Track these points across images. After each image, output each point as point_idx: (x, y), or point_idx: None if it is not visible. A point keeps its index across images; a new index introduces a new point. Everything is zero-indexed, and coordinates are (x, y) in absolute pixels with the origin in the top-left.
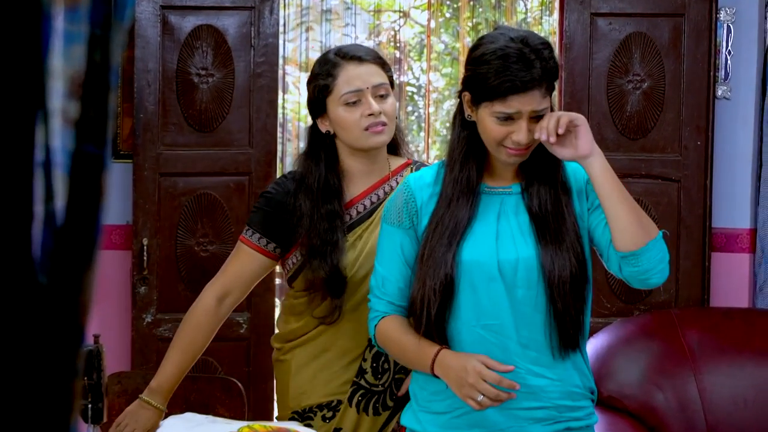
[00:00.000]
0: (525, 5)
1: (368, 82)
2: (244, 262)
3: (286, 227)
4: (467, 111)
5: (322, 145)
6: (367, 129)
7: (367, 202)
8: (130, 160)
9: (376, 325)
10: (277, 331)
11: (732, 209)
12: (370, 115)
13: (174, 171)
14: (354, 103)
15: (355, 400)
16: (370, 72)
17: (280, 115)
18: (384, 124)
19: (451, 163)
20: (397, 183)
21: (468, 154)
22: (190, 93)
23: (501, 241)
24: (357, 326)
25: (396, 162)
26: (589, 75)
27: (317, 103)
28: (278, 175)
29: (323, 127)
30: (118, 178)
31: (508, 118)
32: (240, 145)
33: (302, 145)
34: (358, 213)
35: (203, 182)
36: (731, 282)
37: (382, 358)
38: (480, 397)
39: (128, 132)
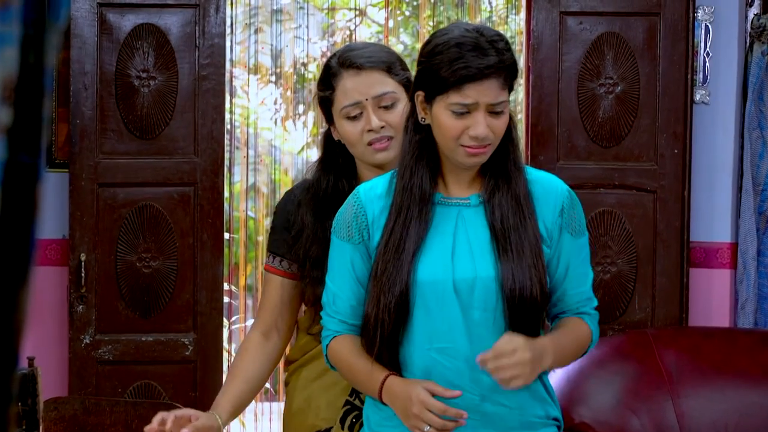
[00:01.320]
0: (490, 3)
1: (367, 93)
2: (275, 292)
3: (295, 240)
4: (421, 113)
5: (337, 152)
6: (370, 144)
7: None
8: (65, 169)
9: (327, 345)
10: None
11: (711, 222)
12: (370, 130)
13: (113, 181)
14: (356, 116)
15: (347, 422)
16: (370, 81)
17: (227, 121)
18: (390, 138)
19: (401, 170)
20: None
21: (419, 160)
22: (131, 97)
23: (457, 257)
24: None
25: None
26: (559, 78)
27: (325, 113)
28: (226, 185)
29: (335, 135)
30: (53, 189)
31: (465, 112)
32: (184, 153)
33: (252, 153)
34: None
35: (145, 193)
36: (711, 300)
37: None
38: (426, 428)
39: (64, 139)
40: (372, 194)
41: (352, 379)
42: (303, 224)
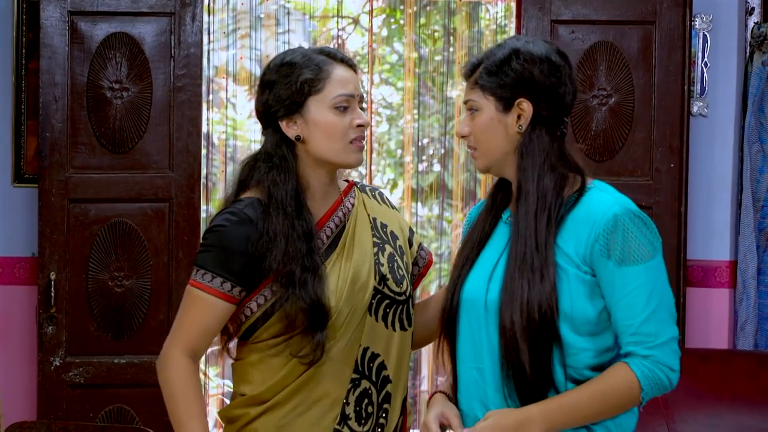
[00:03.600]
0: (488, 11)
1: (357, 90)
2: (209, 314)
3: (252, 264)
4: None
5: (287, 154)
6: (352, 142)
7: (332, 225)
8: (35, 184)
9: None
10: (234, 398)
11: (710, 239)
12: (359, 126)
13: (85, 196)
14: (344, 109)
15: None
16: (357, 80)
17: (209, 134)
18: (363, 139)
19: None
20: (352, 205)
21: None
22: (103, 109)
23: (495, 277)
24: (341, 366)
25: (341, 184)
26: None
27: (295, 99)
28: (202, 201)
29: (291, 131)
30: (21, 205)
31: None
32: (159, 168)
33: (230, 169)
34: (328, 238)
35: (118, 209)
36: (709, 320)
37: (366, 401)
38: None
39: (33, 153)
40: (481, 208)
41: None
42: (274, 232)
